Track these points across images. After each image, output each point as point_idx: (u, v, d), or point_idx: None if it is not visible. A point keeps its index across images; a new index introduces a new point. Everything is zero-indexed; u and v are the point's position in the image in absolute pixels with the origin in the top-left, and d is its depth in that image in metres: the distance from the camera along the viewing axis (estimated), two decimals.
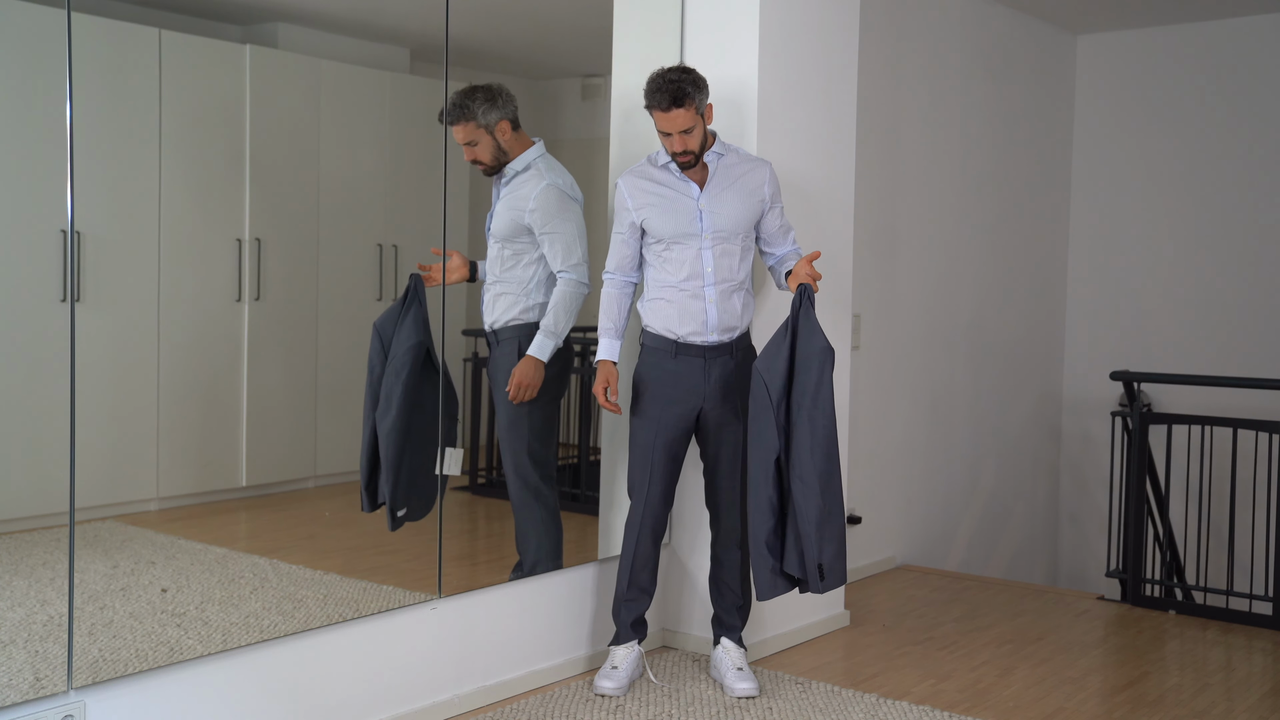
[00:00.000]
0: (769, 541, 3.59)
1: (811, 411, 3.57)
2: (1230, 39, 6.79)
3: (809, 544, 3.54)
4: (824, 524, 3.54)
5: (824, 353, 3.58)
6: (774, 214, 3.90)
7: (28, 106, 2.97)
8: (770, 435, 3.57)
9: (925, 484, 6.04)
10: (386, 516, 3.63)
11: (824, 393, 3.58)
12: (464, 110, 3.79)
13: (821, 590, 3.58)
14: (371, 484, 3.63)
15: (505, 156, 3.89)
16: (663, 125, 3.70)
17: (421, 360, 3.64)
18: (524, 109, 3.91)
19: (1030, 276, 6.94)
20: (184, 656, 3.04)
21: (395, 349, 3.63)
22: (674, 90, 3.66)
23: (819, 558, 3.54)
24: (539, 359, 3.88)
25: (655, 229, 3.80)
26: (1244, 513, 5.81)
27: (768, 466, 3.58)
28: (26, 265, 2.98)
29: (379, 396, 3.62)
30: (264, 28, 3.56)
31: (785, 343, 3.62)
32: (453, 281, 3.79)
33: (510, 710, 3.72)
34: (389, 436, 3.60)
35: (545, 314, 3.90)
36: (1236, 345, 6.79)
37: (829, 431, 3.58)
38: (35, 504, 3.02)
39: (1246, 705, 3.99)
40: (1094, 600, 5.28)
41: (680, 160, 3.75)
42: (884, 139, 5.56)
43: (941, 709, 3.82)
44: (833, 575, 3.58)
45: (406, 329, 3.63)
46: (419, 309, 3.67)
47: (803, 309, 3.63)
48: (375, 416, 3.62)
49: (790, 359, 3.61)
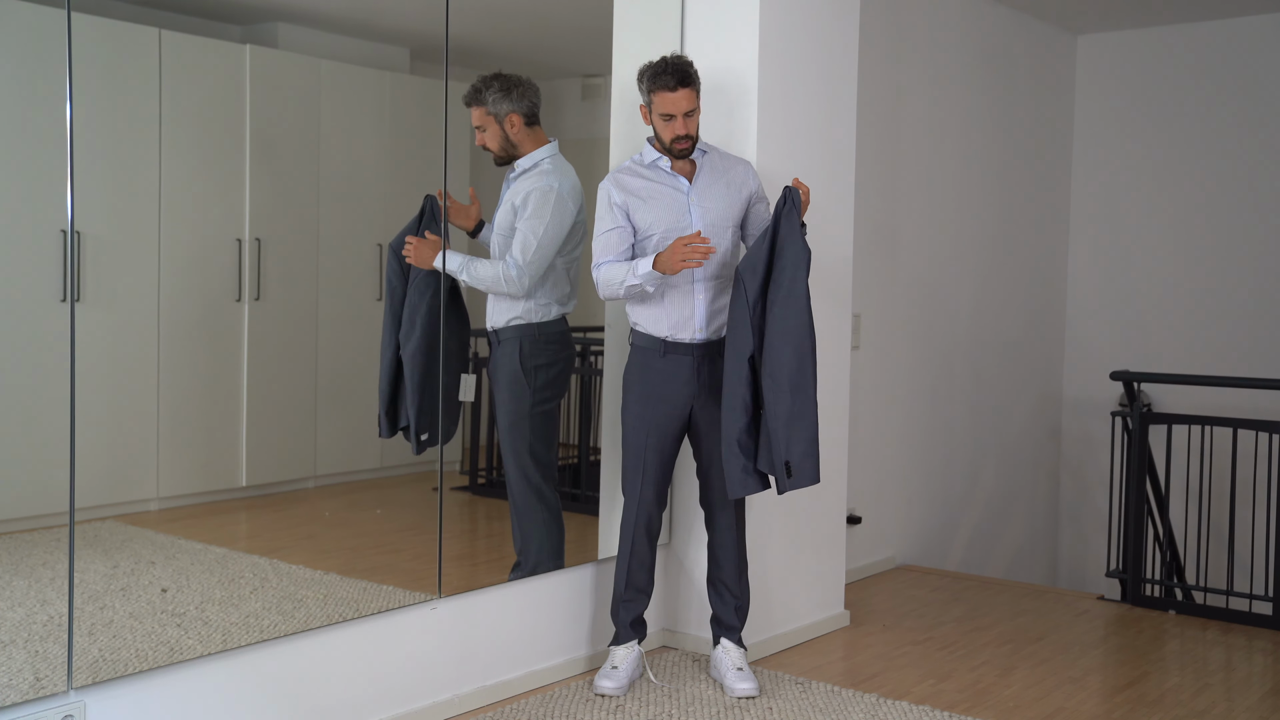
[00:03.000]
0: (740, 440, 3.67)
1: (784, 310, 3.62)
2: (1230, 39, 6.79)
3: (777, 441, 3.61)
4: (792, 422, 3.61)
5: (800, 253, 3.62)
6: (760, 207, 3.92)
7: (28, 106, 2.97)
8: (745, 334, 3.65)
9: (925, 484, 6.04)
10: (411, 441, 3.62)
11: (797, 291, 3.62)
12: (477, 95, 3.84)
13: (787, 488, 3.65)
14: (392, 408, 3.63)
15: (513, 149, 3.89)
16: (668, 107, 3.70)
17: (443, 281, 3.66)
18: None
19: (1030, 276, 6.94)
20: (184, 656, 3.04)
21: (417, 269, 3.63)
22: (682, 70, 3.70)
23: (785, 455, 3.62)
24: (440, 251, 3.68)
25: (646, 224, 3.79)
26: (1244, 513, 5.81)
27: (741, 365, 3.65)
28: (26, 265, 2.98)
29: (400, 318, 3.61)
30: (264, 28, 3.56)
31: (765, 244, 3.67)
32: (459, 223, 3.81)
33: (510, 710, 3.72)
34: (414, 359, 3.60)
35: (476, 262, 3.80)
36: (1236, 345, 6.79)
37: (801, 331, 3.62)
38: (35, 504, 3.02)
39: (1246, 705, 3.99)
40: (1094, 600, 5.29)
41: (679, 147, 3.75)
42: (884, 139, 5.56)
43: (941, 709, 3.82)
44: (800, 474, 3.64)
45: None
46: (437, 229, 3.67)
47: (784, 210, 3.67)
48: (399, 338, 3.61)
49: (769, 260, 3.65)
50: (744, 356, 3.65)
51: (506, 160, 3.92)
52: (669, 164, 3.82)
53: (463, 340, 3.74)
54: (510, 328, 3.92)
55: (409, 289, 3.64)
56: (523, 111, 3.87)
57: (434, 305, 3.63)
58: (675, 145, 3.76)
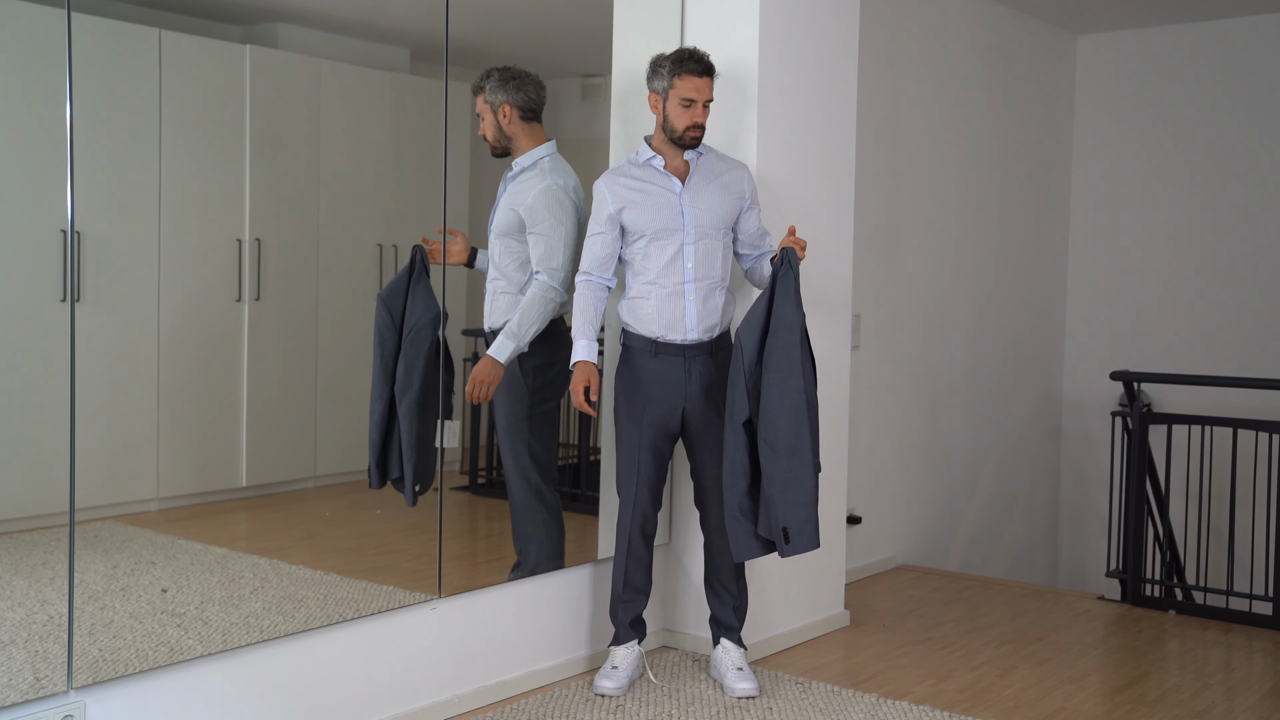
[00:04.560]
0: (742, 504, 3.68)
1: (779, 377, 3.61)
2: (1230, 39, 6.79)
3: (774, 506, 3.61)
4: (789, 488, 3.61)
5: (795, 318, 3.62)
6: (752, 215, 3.92)
7: (28, 106, 2.97)
8: (741, 399, 3.65)
9: (925, 484, 6.04)
10: (406, 493, 3.62)
11: (794, 357, 3.62)
12: (479, 82, 3.88)
13: (787, 554, 3.65)
14: (383, 460, 3.62)
15: (507, 141, 3.90)
16: (690, 92, 3.74)
17: (440, 332, 3.66)
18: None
19: (1030, 276, 6.94)
20: (184, 656, 3.04)
21: (412, 321, 3.62)
22: (707, 58, 3.77)
23: (783, 521, 3.61)
24: (497, 359, 3.82)
25: (637, 225, 3.80)
26: (1244, 513, 5.81)
27: (739, 430, 3.66)
28: (26, 265, 2.98)
29: (394, 371, 3.59)
30: (264, 28, 3.56)
31: (763, 307, 3.67)
32: (452, 263, 3.79)
33: (510, 710, 3.72)
34: (412, 411, 3.59)
35: (513, 314, 3.86)
36: (1236, 345, 6.79)
37: (798, 397, 3.61)
38: (35, 504, 3.02)
39: (1246, 705, 3.99)
40: (1094, 600, 5.29)
41: (691, 135, 3.76)
42: (884, 139, 5.56)
43: (941, 709, 3.82)
44: (799, 539, 3.64)
45: (421, 301, 3.63)
46: (428, 281, 3.66)
47: (781, 273, 3.66)
48: (394, 391, 3.59)
49: (765, 323, 3.65)
50: (740, 422, 3.66)
51: (502, 152, 3.92)
52: (663, 163, 3.82)
53: (447, 385, 3.74)
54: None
55: (404, 341, 3.61)
56: (518, 104, 3.87)
57: (432, 358, 3.63)
58: (688, 133, 3.77)
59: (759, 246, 3.95)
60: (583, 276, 3.84)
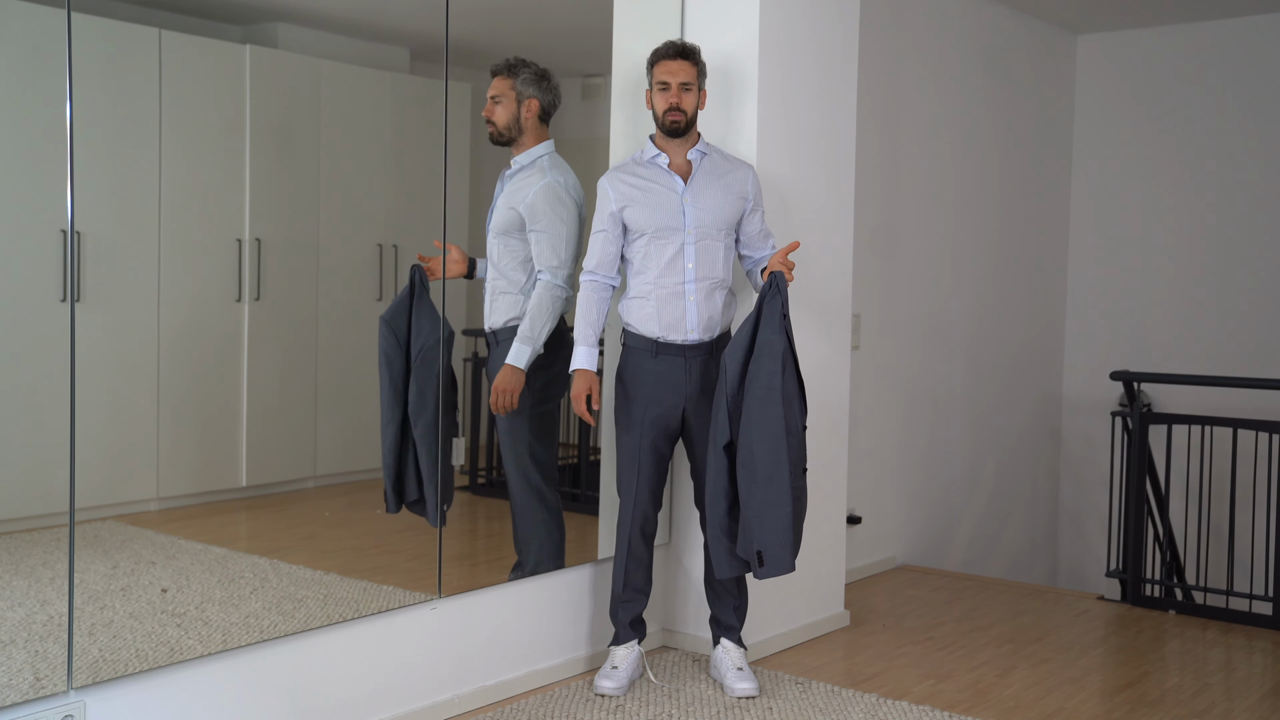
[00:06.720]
0: (724, 525, 3.71)
1: (759, 403, 3.61)
2: (1230, 39, 6.79)
3: (749, 529, 3.63)
4: (765, 513, 3.62)
5: (778, 345, 3.62)
6: (755, 216, 3.91)
7: (28, 106, 2.97)
8: (723, 422, 3.67)
9: (925, 484, 6.04)
10: (430, 516, 3.61)
11: (774, 385, 3.61)
12: (512, 68, 3.88)
13: (760, 577, 3.67)
14: (399, 484, 3.61)
15: (516, 134, 3.90)
16: (664, 75, 3.76)
17: (448, 353, 3.66)
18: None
19: (1030, 276, 6.94)
20: (184, 656, 3.04)
21: (419, 342, 3.61)
22: (683, 45, 3.80)
23: (758, 544, 3.63)
24: (518, 367, 3.83)
25: (638, 223, 3.80)
26: (1244, 513, 5.81)
27: (719, 453, 3.68)
28: (26, 265, 2.98)
29: (406, 393, 3.58)
30: (264, 28, 3.56)
31: (747, 332, 3.67)
32: (451, 276, 3.79)
33: (510, 710, 3.72)
34: (429, 431, 3.58)
35: (523, 319, 3.87)
36: (1236, 345, 6.79)
37: (775, 423, 3.60)
38: (35, 504, 3.02)
39: (1246, 705, 3.99)
40: (1094, 600, 5.29)
41: (671, 118, 3.76)
42: (884, 139, 5.56)
43: (941, 709, 3.82)
44: (772, 562, 3.65)
45: (426, 321, 3.62)
46: (429, 300, 3.66)
47: (768, 297, 3.66)
48: (407, 413, 3.58)
49: (749, 348, 3.65)
50: (721, 445, 3.68)
51: (504, 141, 3.93)
52: (667, 161, 3.82)
53: (451, 403, 3.74)
54: (508, 328, 3.91)
55: (414, 363, 3.58)
56: (544, 104, 3.92)
57: (440, 377, 3.63)
58: (668, 117, 3.77)
59: (761, 248, 3.95)
60: (587, 276, 3.85)
